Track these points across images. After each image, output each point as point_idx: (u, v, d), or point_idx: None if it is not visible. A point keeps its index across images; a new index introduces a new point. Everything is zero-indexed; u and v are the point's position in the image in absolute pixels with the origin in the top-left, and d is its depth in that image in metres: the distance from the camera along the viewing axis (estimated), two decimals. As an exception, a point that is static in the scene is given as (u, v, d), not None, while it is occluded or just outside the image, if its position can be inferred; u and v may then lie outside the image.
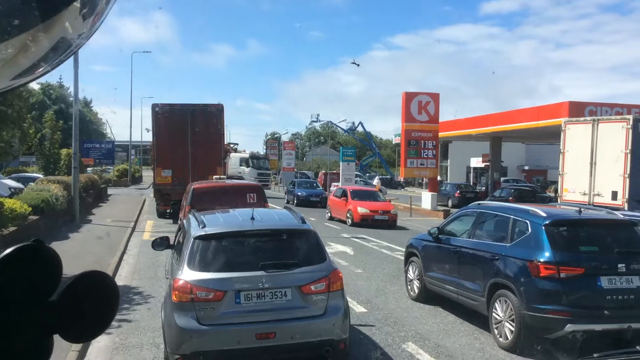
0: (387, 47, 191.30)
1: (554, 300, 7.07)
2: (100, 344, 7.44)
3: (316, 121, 75.48)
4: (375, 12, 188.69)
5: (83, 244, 15.24)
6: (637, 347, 2.11)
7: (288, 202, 32.71)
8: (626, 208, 15.67)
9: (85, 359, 6.97)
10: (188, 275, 5.72)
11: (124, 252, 14.39)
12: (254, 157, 45.82)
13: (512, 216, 8.27)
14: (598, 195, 17.21)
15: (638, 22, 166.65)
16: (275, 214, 7.53)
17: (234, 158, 45.00)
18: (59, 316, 0.87)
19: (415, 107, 30.34)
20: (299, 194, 33.01)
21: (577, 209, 8.35)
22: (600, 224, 8.27)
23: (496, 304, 7.80)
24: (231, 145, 50.68)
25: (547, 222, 7.57)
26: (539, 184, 47.06)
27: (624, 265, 7.15)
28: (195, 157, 22.28)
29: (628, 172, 16.24)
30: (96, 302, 0.92)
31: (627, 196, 16.26)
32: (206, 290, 5.63)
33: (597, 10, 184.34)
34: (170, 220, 21.07)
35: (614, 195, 16.64)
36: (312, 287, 5.90)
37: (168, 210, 22.27)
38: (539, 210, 8.09)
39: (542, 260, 7.23)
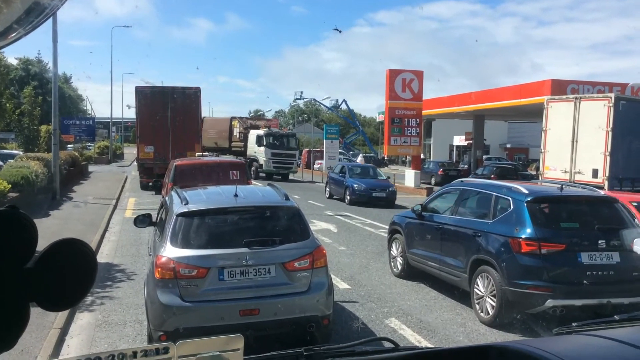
0: (369, 24, 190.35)
1: (534, 275, 7.16)
2: (82, 321, 7.41)
3: (300, 98, 74.78)
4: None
5: (64, 221, 15.11)
6: (616, 316, 2.12)
7: (331, 196, 24.11)
8: (606, 186, 15.87)
9: (67, 335, 6.92)
10: (171, 252, 5.68)
11: (105, 230, 14.30)
12: (269, 134, 35.03)
13: (494, 193, 8.32)
14: (579, 173, 17.38)
15: (618, 0, 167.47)
16: (258, 190, 7.50)
17: (252, 136, 35.85)
18: (35, 284, 0.84)
19: (399, 84, 30.30)
20: (354, 186, 22.09)
21: (559, 186, 8.42)
22: (581, 201, 8.33)
23: (478, 280, 7.89)
24: (265, 122, 39.96)
25: (528, 199, 7.62)
26: (521, 162, 47.45)
27: (604, 241, 7.25)
28: (174, 134, 24.78)
29: (609, 150, 16.40)
30: (73, 270, 0.89)
31: (607, 174, 16.45)
32: (189, 267, 5.59)
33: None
34: (152, 194, 21.39)
35: (595, 173, 16.82)
36: (296, 264, 5.90)
37: (150, 184, 22.92)
38: (521, 187, 8.14)
39: (523, 236, 7.30)
